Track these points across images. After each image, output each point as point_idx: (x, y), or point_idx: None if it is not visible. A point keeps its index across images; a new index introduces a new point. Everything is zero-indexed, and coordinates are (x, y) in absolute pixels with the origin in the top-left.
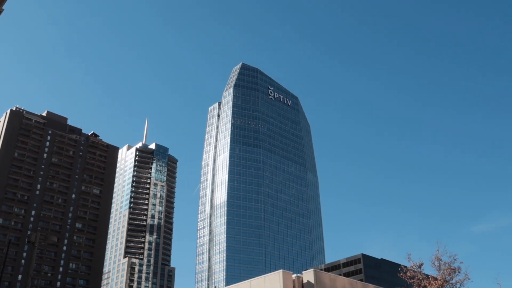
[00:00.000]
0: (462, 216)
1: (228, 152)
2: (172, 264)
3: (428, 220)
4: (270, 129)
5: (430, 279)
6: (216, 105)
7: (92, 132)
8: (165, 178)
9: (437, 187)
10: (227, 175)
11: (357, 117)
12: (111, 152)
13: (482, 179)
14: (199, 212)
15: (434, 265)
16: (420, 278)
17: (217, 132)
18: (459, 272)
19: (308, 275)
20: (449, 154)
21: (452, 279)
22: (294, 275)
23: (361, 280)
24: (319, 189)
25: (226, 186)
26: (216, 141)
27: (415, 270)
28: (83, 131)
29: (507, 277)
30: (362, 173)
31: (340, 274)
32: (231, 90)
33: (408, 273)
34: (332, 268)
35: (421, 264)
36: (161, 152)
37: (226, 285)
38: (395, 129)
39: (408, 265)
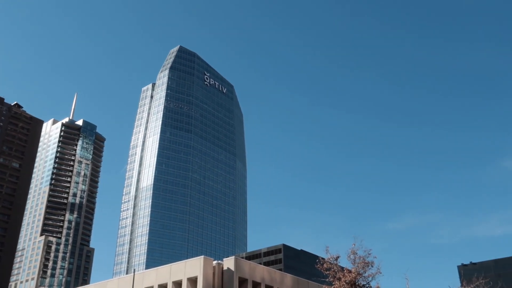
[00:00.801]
0: (379, 215)
1: (159, 134)
2: (92, 245)
3: (348, 217)
4: (203, 115)
5: (345, 271)
6: (150, 86)
7: (15, 102)
8: (90, 156)
9: (357, 188)
10: (155, 158)
11: (290, 110)
12: (34, 125)
13: (398, 183)
14: (124, 193)
15: (349, 259)
16: (336, 270)
17: (148, 114)
18: (372, 266)
19: (228, 262)
20: (371, 160)
21: (365, 272)
22: (215, 262)
23: (280, 269)
24: (247, 179)
25: (154, 169)
26: (147, 122)
27: (332, 262)
28: (5, 101)
29: (415, 272)
30: (290, 168)
31: (260, 263)
32: (167, 72)
33: (325, 265)
34: (253, 256)
35: (338, 257)
36: (89, 129)
37: (146, 268)
38: (324, 131)
39: (326, 257)
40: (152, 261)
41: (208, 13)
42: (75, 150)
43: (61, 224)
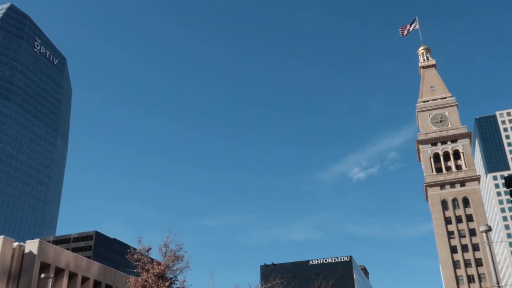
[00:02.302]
0: (196, 211)
1: None
2: None
3: (167, 211)
4: (27, 84)
5: (155, 263)
6: None
7: None
8: None
9: (177, 185)
10: None
11: (123, 95)
12: None
13: (217, 183)
14: None
15: (161, 251)
16: (145, 262)
17: None
18: (181, 260)
19: (31, 245)
20: (198, 160)
21: (174, 266)
22: (15, 243)
23: (89, 257)
24: (67, 159)
25: None
26: None
27: (143, 253)
28: None
29: (221, 268)
30: (117, 151)
31: (69, 249)
32: None
33: (135, 256)
34: (62, 241)
35: (149, 249)
36: None
37: None
38: (163, 111)
39: (138, 248)
40: None
41: None
42: None
43: None
